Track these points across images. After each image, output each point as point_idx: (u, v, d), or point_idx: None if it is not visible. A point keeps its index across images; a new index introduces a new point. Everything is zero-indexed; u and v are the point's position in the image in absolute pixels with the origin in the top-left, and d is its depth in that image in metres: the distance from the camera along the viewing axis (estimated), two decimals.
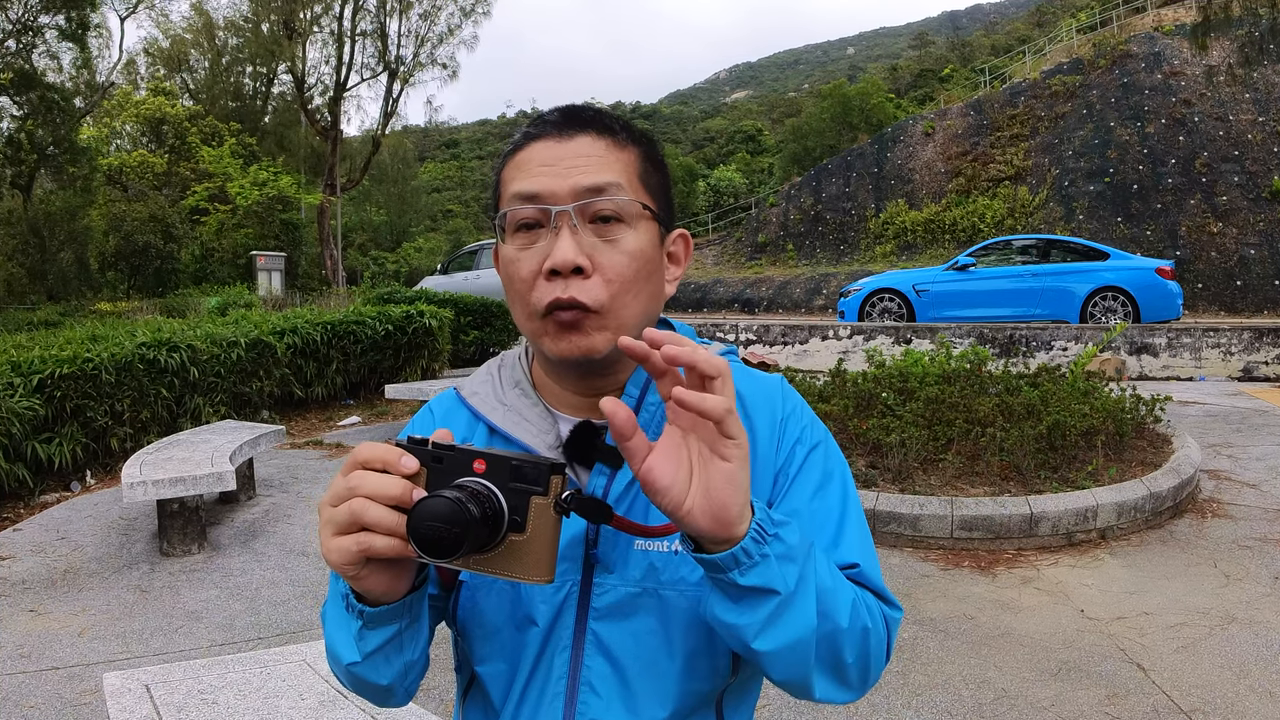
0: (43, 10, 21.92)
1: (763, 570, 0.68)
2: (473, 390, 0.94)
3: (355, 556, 0.66)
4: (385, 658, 0.77)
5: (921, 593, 3.68)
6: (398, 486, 0.66)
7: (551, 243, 0.80)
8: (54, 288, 23.38)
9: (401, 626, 0.75)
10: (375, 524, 0.65)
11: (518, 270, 0.83)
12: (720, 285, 25.72)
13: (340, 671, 0.81)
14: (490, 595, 0.86)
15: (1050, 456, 4.70)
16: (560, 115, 0.86)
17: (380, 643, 0.75)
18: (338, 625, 0.78)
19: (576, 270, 0.79)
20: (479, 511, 0.64)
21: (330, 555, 0.67)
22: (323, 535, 0.68)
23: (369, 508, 0.65)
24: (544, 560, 0.68)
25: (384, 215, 48.87)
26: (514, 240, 0.83)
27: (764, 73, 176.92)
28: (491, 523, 0.65)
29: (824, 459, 0.90)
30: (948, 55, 59.12)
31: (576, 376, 0.87)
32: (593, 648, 0.83)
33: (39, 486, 5.37)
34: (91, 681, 2.94)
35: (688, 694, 0.83)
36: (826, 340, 11.36)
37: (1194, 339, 10.18)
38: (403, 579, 0.72)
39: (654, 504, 0.67)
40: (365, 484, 0.66)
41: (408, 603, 0.74)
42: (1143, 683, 2.86)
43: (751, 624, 0.70)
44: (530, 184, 0.82)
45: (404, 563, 0.71)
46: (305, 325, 8.06)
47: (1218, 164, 20.06)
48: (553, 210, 0.80)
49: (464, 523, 0.63)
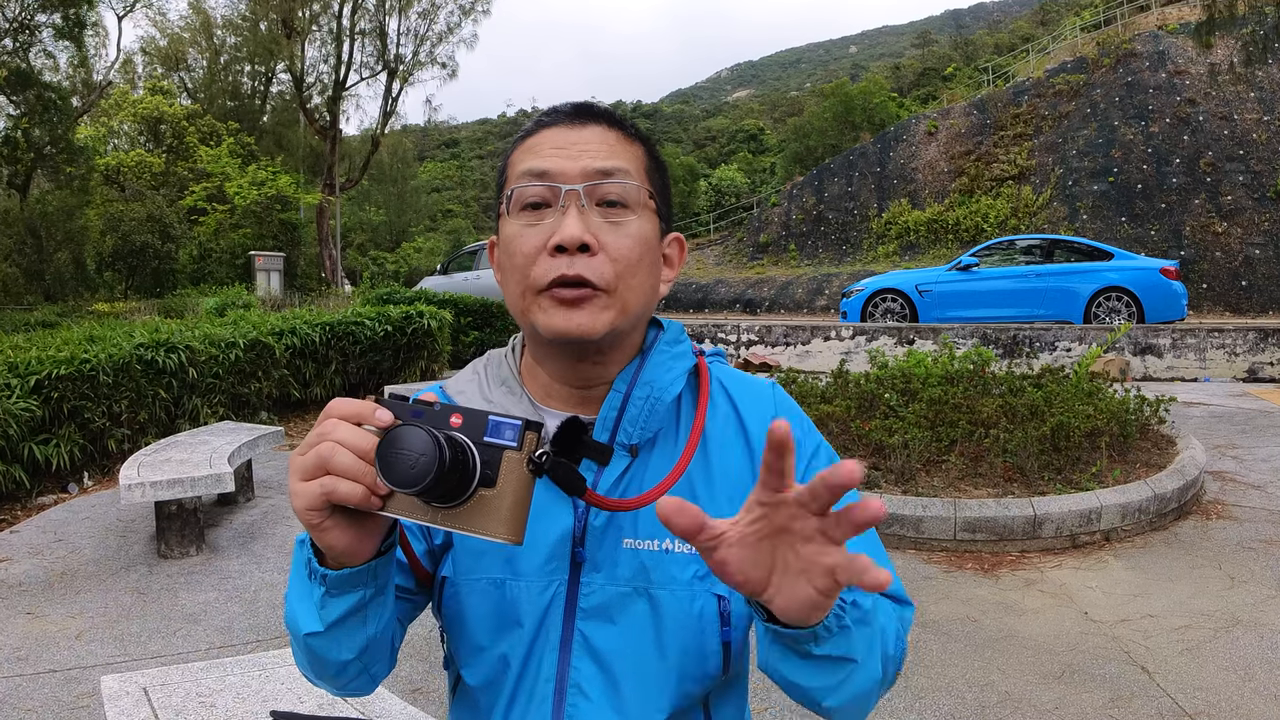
0: (39, 9, 21.89)
1: (840, 640, 0.68)
2: (459, 389, 0.93)
3: (319, 500, 0.65)
4: (348, 631, 0.75)
5: (924, 595, 3.65)
6: (367, 439, 0.65)
7: (558, 221, 0.80)
8: (51, 288, 23.33)
9: (366, 596, 0.74)
10: (342, 470, 0.64)
11: (520, 245, 0.82)
12: (722, 285, 25.71)
13: (299, 649, 0.79)
14: (474, 594, 0.85)
15: (1054, 458, 4.68)
16: (572, 108, 0.87)
17: (343, 611, 0.73)
18: (300, 596, 0.76)
19: (583, 248, 0.79)
20: (450, 454, 0.62)
21: (295, 500, 0.66)
22: (290, 482, 0.67)
23: (336, 452, 0.64)
24: (514, 519, 0.66)
25: (383, 215, 48.86)
26: (519, 218, 0.83)
27: (766, 71, 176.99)
28: (461, 469, 0.63)
29: (829, 455, 0.92)
30: (951, 54, 59.05)
31: (566, 362, 0.86)
32: (581, 649, 0.82)
33: (36, 488, 5.35)
34: (89, 684, 2.92)
35: (679, 695, 0.82)
36: (829, 341, 11.33)
37: (1198, 340, 10.14)
38: (368, 539, 0.70)
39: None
40: (336, 432, 0.65)
41: (372, 568, 0.72)
42: (1147, 685, 2.83)
43: (825, 687, 0.70)
44: (541, 163, 0.82)
45: (370, 521, 0.69)
46: (304, 326, 8.03)
47: (1222, 163, 20.02)
48: (562, 189, 0.81)
49: (434, 451, 0.61)
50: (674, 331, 0.93)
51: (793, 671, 0.70)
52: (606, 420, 0.85)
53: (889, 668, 0.77)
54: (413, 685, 2.87)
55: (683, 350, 0.92)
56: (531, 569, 0.83)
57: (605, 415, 0.86)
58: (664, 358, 0.89)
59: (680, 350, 0.91)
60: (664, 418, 0.87)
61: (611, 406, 0.86)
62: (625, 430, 0.85)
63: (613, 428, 0.85)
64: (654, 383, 0.87)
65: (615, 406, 0.86)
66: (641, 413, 0.85)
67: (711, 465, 0.87)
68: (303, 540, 0.74)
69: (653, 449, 0.87)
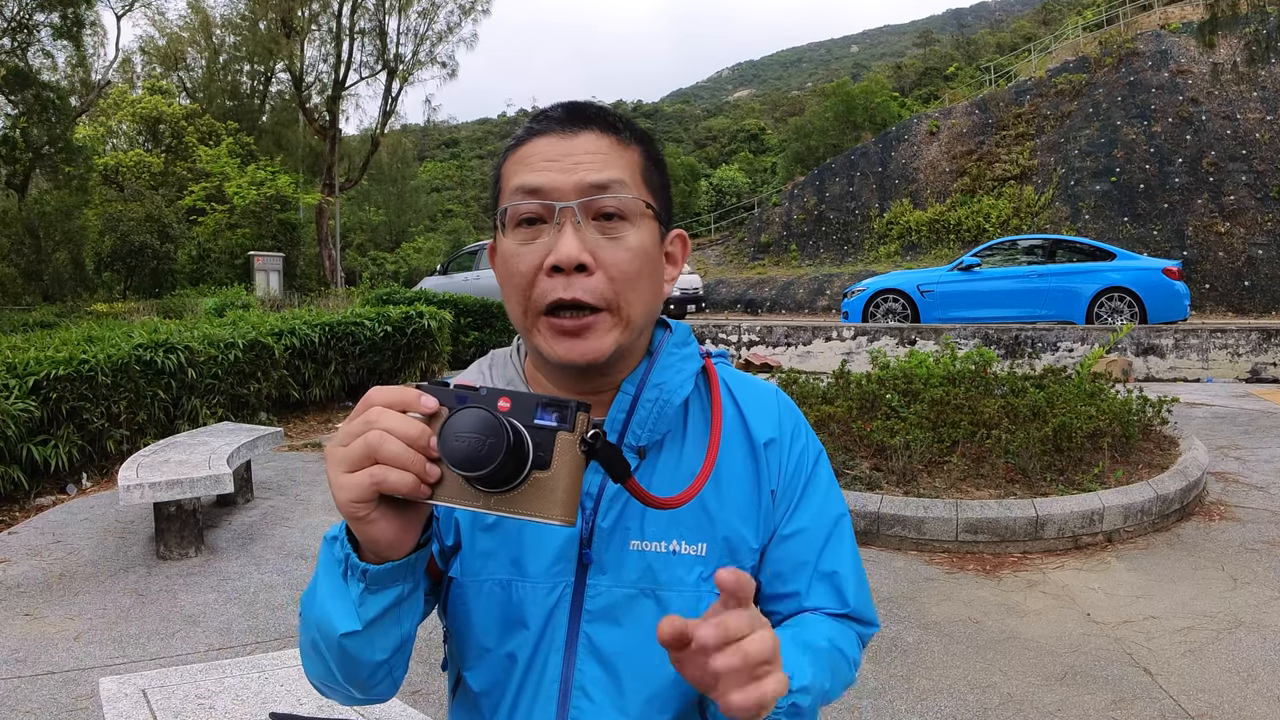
0: (38, 8, 21.87)
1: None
2: None
3: (369, 491, 0.63)
4: (384, 629, 0.73)
5: (926, 596, 3.64)
6: (416, 426, 0.63)
7: (554, 238, 0.79)
8: (49, 288, 23.30)
9: (404, 591, 0.73)
10: (391, 459, 0.62)
11: (517, 265, 0.81)
12: (723, 286, 25.71)
13: (322, 655, 0.76)
14: (481, 595, 0.84)
15: (1056, 459, 4.67)
16: (564, 111, 0.84)
17: (383, 607, 0.72)
18: (334, 595, 0.73)
19: (580, 268, 0.78)
20: (515, 437, 0.61)
21: (340, 494, 0.64)
22: (332, 475, 0.64)
23: (386, 440, 0.63)
24: (568, 500, 0.65)
25: (383, 215, 48.81)
26: (514, 235, 0.82)
27: (767, 71, 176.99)
28: (519, 452, 0.63)
29: (827, 466, 0.93)
30: (952, 53, 58.97)
31: (575, 376, 0.86)
32: (586, 651, 0.82)
33: (34, 489, 5.34)
34: (87, 686, 2.90)
35: (682, 698, 0.82)
36: (830, 341, 11.31)
37: (1201, 340, 10.13)
38: (411, 530, 0.69)
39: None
40: (383, 420, 0.63)
41: (412, 562, 0.71)
42: (1149, 687, 2.82)
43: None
44: (534, 178, 0.80)
45: (414, 512, 0.68)
46: (303, 326, 8.02)
47: (1225, 163, 20.00)
48: (556, 206, 0.79)
49: (501, 433, 0.60)
50: (681, 333, 0.93)
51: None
52: (615, 422, 0.85)
53: (838, 693, 0.84)
54: (412, 687, 2.86)
55: (690, 352, 0.92)
56: (538, 570, 0.83)
57: (614, 417, 0.85)
58: (672, 360, 0.89)
59: (688, 352, 0.91)
60: (672, 420, 0.87)
61: (620, 408, 0.86)
62: (634, 432, 0.85)
63: (621, 429, 0.85)
64: (663, 385, 0.86)
65: (624, 408, 0.85)
66: (650, 415, 0.85)
67: (720, 469, 0.87)
68: (333, 538, 0.73)
69: (660, 451, 0.87)
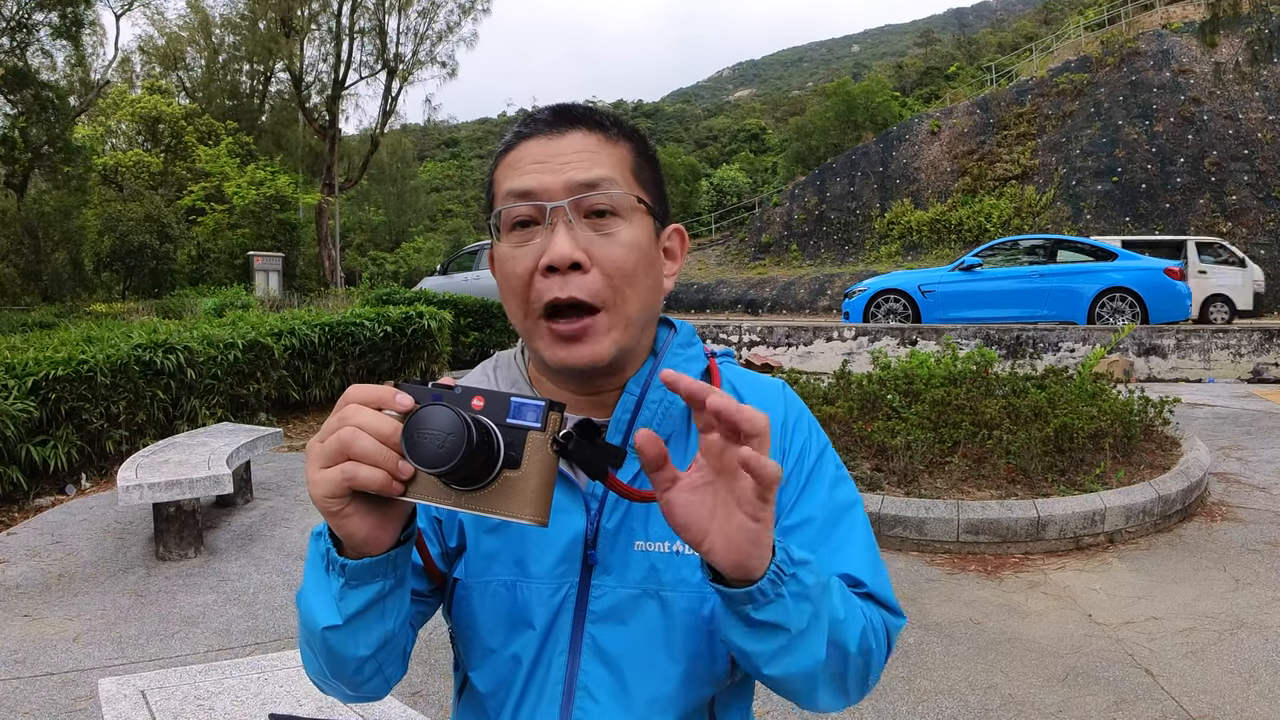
0: (37, 7, 21.86)
1: (776, 608, 0.68)
2: None
3: (340, 487, 0.64)
4: (366, 625, 0.73)
5: (927, 597, 3.64)
6: (389, 423, 0.64)
7: (547, 239, 0.79)
8: (48, 288, 23.29)
9: (385, 587, 0.72)
10: (363, 455, 0.63)
11: (514, 267, 0.81)
12: (723, 286, 25.71)
13: (314, 649, 0.76)
14: (486, 596, 0.84)
15: (1057, 459, 4.66)
16: (550, 114, 0.85)
17: (363, 603, 0.72)
18: (317, 589, 0.74)
19: (574, 266, 0.78)
20: (477, 435, 0.61)
21: (314, 489, 0.65)
22: (309, 471, 0.66)
23: (358, 437, 0.63)
24: (539, 500, 0.65)
25: (382, 215, 48.84)
26: (509, 238, 0.82)
27: (767, 70, 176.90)
28: (486, 450, 0.63)
29: (834, 459, 0.91)
30: (954, 53, 58.96)
31: (578, 378, 0.86)
32: (590, 652, 0.82)
33: (33, 490, 5.33)
34: (86, 687, 2.90)
35: (686, 698, 0.82)
36: (831, 342, 11.30)
37: (1203, 340, 10.11)
38: (388, 527, 0.69)
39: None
40: (357, 417, 0.64)
41: (392, 558, 0.71)
42: (1151, 688, 2.82)
43: (762, 653, 0.70)
44: (523, 181, 0.81)
45: (390, 508, 0.68)
46: (303, 327, 8.01)
47: (1227, 163, 20.00)
48: (547, 206, 0.79)
49: (461, 431, 0.60)
50: (686, 334, 0.93)
51: (735, 635, 0.71)
52: (620, 422, 0.85)
53: (846, 663, 0.76)
54: (413, 689, 2.86)
55: (695, 353, 0.92)
56: (543, 571, 0.83)
57: (619, 417, 0.85)
58: (677, 360, 0.90)
59: (693, 353, 0.92)
60: (678, 420, 0.87)
61: (625, 409, 0.86)
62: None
63: (626, 430, 0.85)
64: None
65: (629, 409, 0.86)
66: (656, 415, 0.85)
67: None
68: (319, 532, 0.74)
69: None
